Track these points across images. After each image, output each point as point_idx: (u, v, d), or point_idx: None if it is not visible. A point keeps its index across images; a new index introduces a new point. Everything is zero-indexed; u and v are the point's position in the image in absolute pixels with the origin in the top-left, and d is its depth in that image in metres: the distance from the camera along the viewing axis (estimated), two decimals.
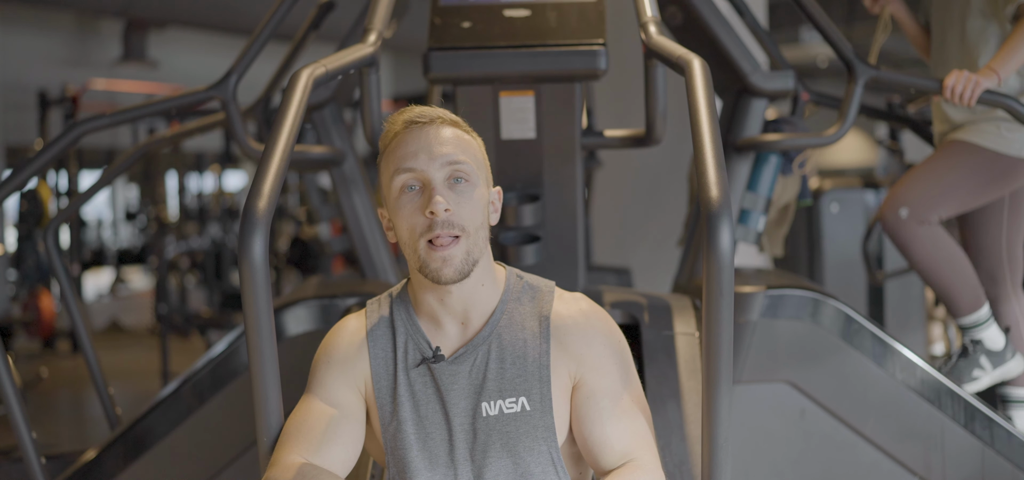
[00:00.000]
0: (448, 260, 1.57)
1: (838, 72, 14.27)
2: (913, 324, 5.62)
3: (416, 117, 1.63)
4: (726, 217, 1.52)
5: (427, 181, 1.58)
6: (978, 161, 2.86)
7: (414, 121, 1.62)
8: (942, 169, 2.89)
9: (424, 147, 1.59)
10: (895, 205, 2.87)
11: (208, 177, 13.39)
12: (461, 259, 1.58)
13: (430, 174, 1.58)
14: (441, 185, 1.58)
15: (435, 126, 1.62)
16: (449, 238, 1.57)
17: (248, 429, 2.59)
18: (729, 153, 2.82)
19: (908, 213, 2.85)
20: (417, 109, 1.64)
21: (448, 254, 1.57)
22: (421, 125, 1.62)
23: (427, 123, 1.62)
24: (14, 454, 4.28)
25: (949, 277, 2.87)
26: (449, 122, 1.64)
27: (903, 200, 2.87)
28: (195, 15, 9.89)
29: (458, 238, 1.57)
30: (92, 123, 2.79)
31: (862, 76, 2.69)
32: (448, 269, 1.57)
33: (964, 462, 2.64)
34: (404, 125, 1.63)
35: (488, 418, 1.60)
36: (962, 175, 2.87)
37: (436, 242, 1.57)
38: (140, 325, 10.13)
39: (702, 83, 1.77)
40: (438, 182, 1.58)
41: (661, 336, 2.44)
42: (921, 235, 2.85)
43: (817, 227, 5.55)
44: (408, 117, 1.63)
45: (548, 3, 2.45)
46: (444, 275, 1.57)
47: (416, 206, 1.59)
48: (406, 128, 1.62)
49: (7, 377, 2.52)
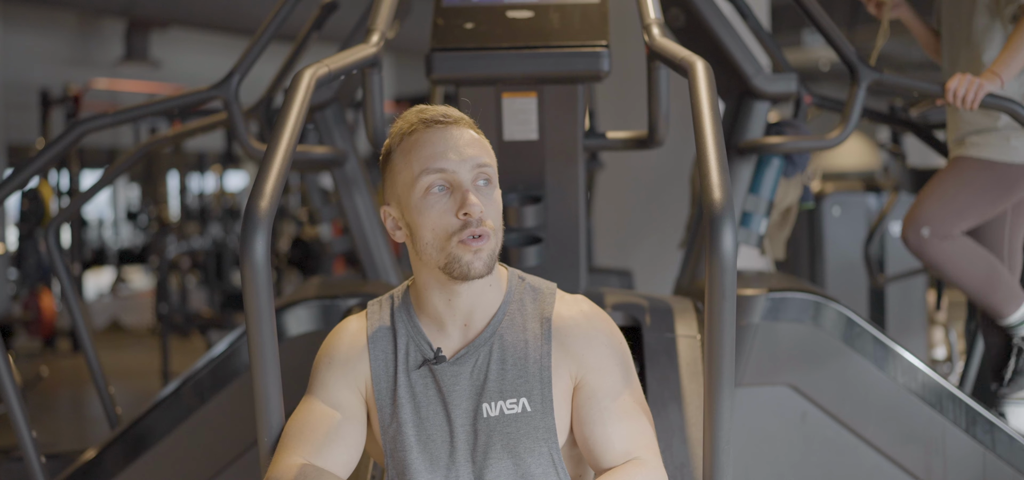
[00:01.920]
0: (479, 253, 1.57)
1: (841, 75, 14.28)
2: (914, 328, 5.62)
3: (439, 117, 1.62)
4: (728, 220, 1.52)
5: (458, 183, 1.58)
6: (989, 175, 2.85)
7: (437, 120, 1.61)
8: (955, 187, 2.87)
9: (452, 147, 1.59)
10: (916, 226, 2.86)
11: (210, 177, 13.41)
12: (489, 254, 1.59)
13: (461, 175, 1.58)
14: (471, 186, 1.59)
15: (459, 127, 1.62)
16: (482, 232, 1.57)
17: (249, 429, 2.58)
18: (731, 156, 2.82)
19: (930, 231, 2.84)
20: (436, 108, 1.63)
21: (479, 247, 1.57)
22: (445, 125, 1.61)
23: (452, 123, 1.62)
24: (14, 453, 4.28)
25: (985, 283, 2.86)
26: (468, 124, 1.65)
27: (922, 220, 2.86)
28: (197, 15, 9.90)
29: (487, 236, 1.58)
30: (94, 122, 2.79)
31: (865, 79, 2.68)
32: (479, 262, 1.57)
33: (965, 466, 2.64)
34: (424, 124, 1.61)
35: (489, 419, 1.60)
36: (976, 191, 2.86)
37: (468, 241, 1.57)
38: (141, 325, 10.13)
39: (705, 85, 1.77)
40: (468, 183, 1.59)
41: (663, 338, 2.44)
42: (948, 250, 2.85)
43: (819, 230, 5.54)
44: (428, 116, 1.62)
45: (551, 4, 2.45)
46: (474, 268, 1.57)
47: (445, 207, 1.58)
48: (428, 128, 1.61)
49: (7, 376, 2.52)
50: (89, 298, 12.10)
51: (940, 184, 2.90)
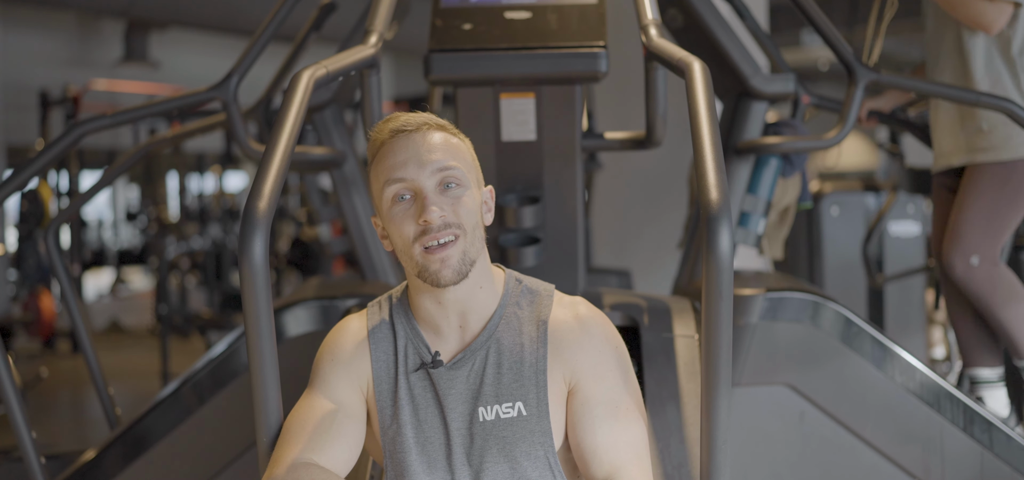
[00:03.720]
0: (446, 261, 1.57)
1: (838, 75, 14.28)
2: (913, 327, 5.62)
3: (402, 125, 1.61)
4: (726, 220, 1.52)
5: (418, 190, 1.58)
6: (1009, 176, 2.85)
7: (401, 129, 1.61)
8: (985, 203, 2.87)
9: (413, 155, 1.59)
10: (963, 255, 2.85)
11: (209, 178, 13.41)
12: (458, 259, 1.57)
13: (421, 182, 1.58)
14: (433, 192, 1.58)
15: (422, 133, 1.61)
16: (447, 238, 1.57)
17: (248, 430, 2.58)
18: (729, 156, 2.82)
19: (979, 259, 2.84)
20: (403, 117, 1.63)
21: (446, 255, 1.57)
22: (408, 133, 1.61)
23: (414, 130, 1.61)
24: (14, 454, 4.27)
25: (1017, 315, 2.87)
26: (436, 127, 1.63)
27: (970, 248, 2.85)
28: (196, 16, 9.90)
29: (456, 238, 1.57)
30: (93, 123, 2.79)
31: (862, 79, 2.69)
32: (447, 270, 1.57)
33: (963, 465, 2.64)
34: (390, 134, 1.62)
35: (485, 423, 1.60)
36: (1006, 197, 2.86)
37: (431, 249, 1.57)
38: (140, 325, 10.13)
39: (702, 86, 1.77)
40: (429, 190, 1.58)
41: (660, 338, 2.44)
42: (996, 277, 2.85)
43: (817, 230, 5.54)
44: (394, 126, 1.62)
45: (549, 5, 2.46)
46: (443, 277, 1.57)
47: (409, 215, 1.58)
48: (393, 137, 1.61)
49: (7, 377, 2.52)
50: (89, 299, 12.10)
51: (972, 208, 2.88)
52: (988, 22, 2.73)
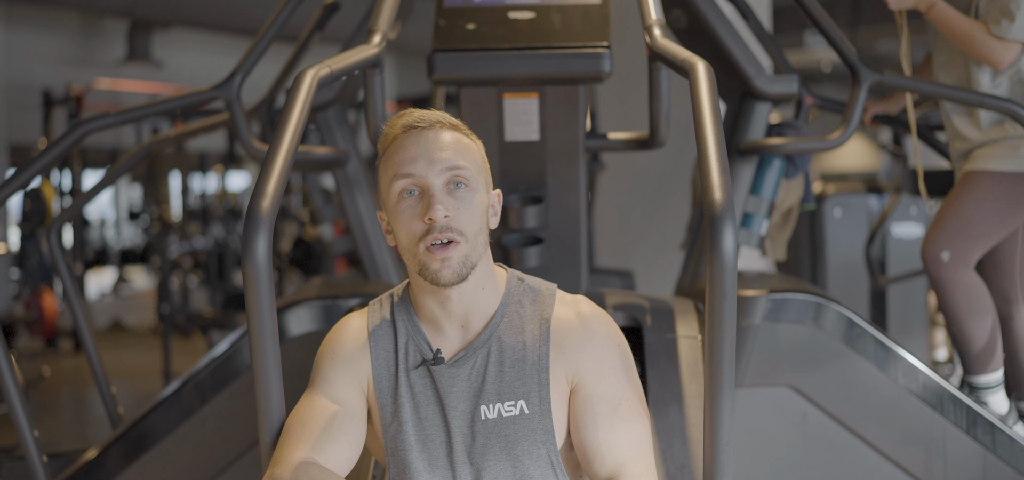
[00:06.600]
0: (447, 262, 1.57)
1: (842, 76, 14.27)
2: (916, 329, 5.62)
3: (415, 121, 1.62)
4: (729, 221, 1.52)
5: (426, 187, 1.58)
6: (1004, 188, 2.84)
7: (413, 125, 1.61)
8: (971, 206, 2.86)
9: (423, 152, 1.59)
10: (936, 248, 2.86)
11: (211, 177, 13.40)
12: (459, 262, 1.57)
13: (429, 180, 1.58)
14: (440, 191, 1.58)
15: (434, 130, 1.61)
16: (448, 239, 1.57)
17: (250, 429, 2.59)
18: (732, 157, 2.82)
19: (950, 256, 2.84)
20: (417, 113, 1.63)
21: (447, 255, 1.56)
22: (420, 130, 1.61)
23: (426, 128, 1.61)
24: (16, 452, 4.28)
25: (976, 331, 2.86)
26: (449, 126, 1.63)
27: (942, 243, 2.85)
28: (200, 15, 9.90)
29: (457, 242, 1.57)
30: (96, 122, 2.79)
31: (866, 80, 2.69)
32: (446, 271, 1.57)
33: (966, 467, 2.63)
34: (403, 129, 1.62)
35: (487, 421, 1.60)
36: (992, 207, 2.85)
37: (433, 248, 1.56)
38: (142, 325, 10.14)
39: (706, 86, 1.77)
40: (437, 188, 1.58)
41: (663, 339, 2.44)
42: (964, 281, 2.84)
43: (820, 231, 5.54)
44: (407, 121, 1.62)
45: (552, 5, 2.46)
46: (443, 277, 1.57)
47: (415, 212, 1.58)
48: (405, 132, 1.61)
49: (9, 375, 2.52)
50: (91, 298, 12.11)
51: (957, 207, 2.88)
52: (996, 60, 2.76)
